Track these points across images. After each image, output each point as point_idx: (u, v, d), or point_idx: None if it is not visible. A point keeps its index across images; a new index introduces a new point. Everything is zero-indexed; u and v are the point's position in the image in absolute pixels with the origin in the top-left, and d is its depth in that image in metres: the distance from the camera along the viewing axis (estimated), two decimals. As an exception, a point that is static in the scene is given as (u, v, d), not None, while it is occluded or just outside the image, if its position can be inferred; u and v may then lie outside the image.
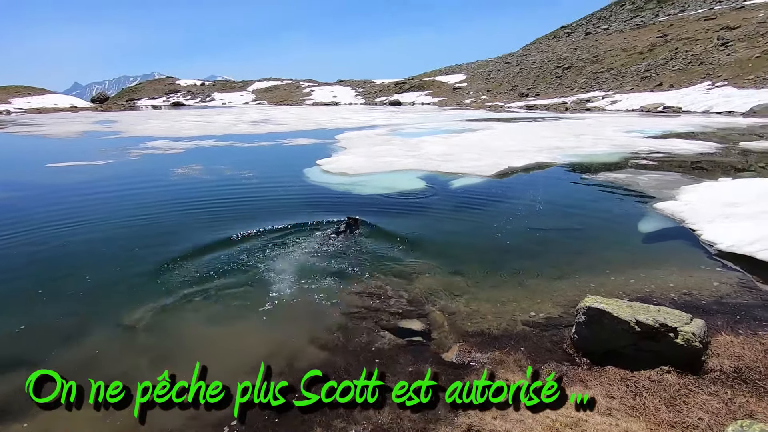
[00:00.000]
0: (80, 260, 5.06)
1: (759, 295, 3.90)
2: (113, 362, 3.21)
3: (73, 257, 5.18)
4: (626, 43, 45.74)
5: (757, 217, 5.47)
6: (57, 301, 4.10)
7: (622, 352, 2.85)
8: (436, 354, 3.20)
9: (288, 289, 4.25)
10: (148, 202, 7.59)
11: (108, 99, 71.80)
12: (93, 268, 4.79)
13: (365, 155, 11.76)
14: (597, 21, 69.30)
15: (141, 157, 13.17)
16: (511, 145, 13.16)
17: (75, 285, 4.38)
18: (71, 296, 4.17)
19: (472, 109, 38.59)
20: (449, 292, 4.13)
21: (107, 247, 5.42)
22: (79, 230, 6.11)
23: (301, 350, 3.30)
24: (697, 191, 7.10)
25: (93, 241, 5.65)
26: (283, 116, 33.49)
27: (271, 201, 7.52)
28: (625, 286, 4.14)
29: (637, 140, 13.86)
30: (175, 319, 3.75)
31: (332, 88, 74.39)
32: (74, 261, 5.05)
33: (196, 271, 4.63)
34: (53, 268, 4.84)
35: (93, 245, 5.51)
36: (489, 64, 65.30)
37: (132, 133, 21.44)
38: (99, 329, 3.62)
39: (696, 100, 27.04)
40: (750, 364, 2.71)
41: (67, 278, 4.56)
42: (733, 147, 12.36)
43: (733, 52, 32.47)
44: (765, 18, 36.19)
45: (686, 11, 53.23)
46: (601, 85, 38.10)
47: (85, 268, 4.79)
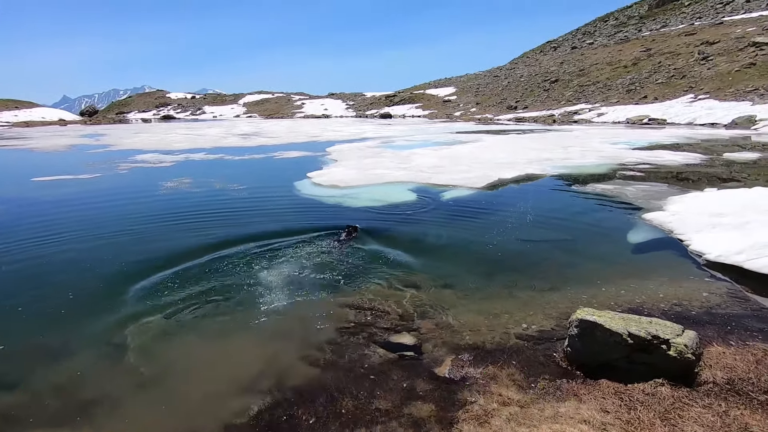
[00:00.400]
0: (63, 276, 4.93)
1: (748, 305, 3.92)
2: (97, 384, 3.10)
3: (56, 273, 5.03)
4: (611, 57, 46.83)
5: (743, 227, 5.54)
6: (38, 319, 3.97)
7: (615, 364, 2.84)
8: (429, 369, 3.15)
9: (277, 303, 4.18)
10: (135, 216, 7.48)
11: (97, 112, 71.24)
12: (76, 284, 4.67)
13: (356, 167, 11.77)
14: (582, 36, 71.02)
15: (129, 171, 13.03)
16: (501, 156, 13.28)
17: (57, 302, 4.26)
18: (53, 314, 4.05)
19: (462, 122, 39.00)
20: (441, 305, 4.09)
21: (92, 262, 5.29)
22: (62, 245, 5.97)
23: (291, 367, 3.22)
24: (684, 202, 7.20)
25: (77, 256, 5.52)
26: (273, 129, 33.50)
27: (261, 214, 7.45)
28: (617, 297, 4.15)
29: (624, 152, 14.08)
30: (162, 337, 3.65)
31: (323, 101, 74.77)
32: (57, 277, 4.92)
33: (184, 286, 4.54)
34: (34, 285, 4.69)
35: (77, 260, 5.38)
36: (478, 77, 66.30)
37: (121, 146, 21.25)
38: (83, 349, 3.51)
39: (680, 113, 27.67)
40: (743, 376, 2.71)
41: (49, 295, 4.44)
42: (717, 158, 12.61)
43: (714, 66, 33.40)
44: (742, 33, 37.37)
45: (667, 26, 54.80)
46: (588, 98, 38.85)
47: (68, 284, 4.67)
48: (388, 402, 2.78)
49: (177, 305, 4.14)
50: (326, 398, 2.83)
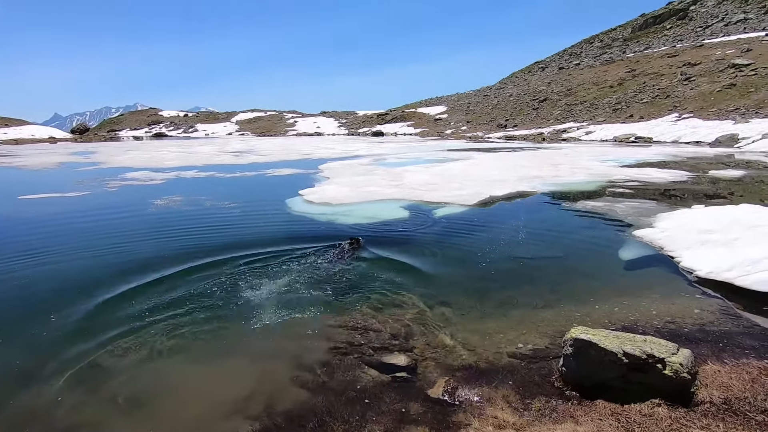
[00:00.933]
0: (44, 296, 4.77)
1: (740, 322, 3.93)
2: (77, 410, 2.97)
3: (37, 293, 4.87)
4: (597, 77, 48.05)
5: (731, 243, 5.60)
6: (16, 342, 3.83)
7: (611, 384, 2.79)
8: (422, 390, 3.07)
9: (267, 322, 4.10)
10: (122, 235, 7.35)
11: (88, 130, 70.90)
12: (58, 304, 4.51)
13: (348, 185, 11.77)
14: (569, 57, 72.93)
15: (118, 189, 12.89)
16: (492, 174, 13.40)
17: (37, 323, 4.11)
18: (32, 336, 3.91)
19: (453, 140, 39.47)
20: (434, 324, 4.03)
21: (75, 281, 5.15)
22: (45, 264, 5.82)
23: (281, 389, 3.13)
24: (673, 218, 7.28)
25: (60, 276, 5.38)
26: (266, 147, 33.57)
27: (252, 232, 7.37)
28: (610, 314, 4.13)
29: (613, 169, 14.30)
30: (147, 359, 3.54)
31: (316, 119, 75.35)
32: (37, 297, 4.76)
33: (171, 305, 4.43)
34: (13, 305, 4.55)
35: (60, 280, 5.24)
36: (468, 96, 67.48)
37: (111, 164, 21.09)
38: (63, 372, 3.38)
39: (665, 131, 28.31)
40: (739, 395, 2.68)
41: (28, 316, 4.29)
42: (703, 175, 12.85)
43: (696, 87, 34.39)
44: (722, 55, 38.68)
45: (650, 48, 56.55)
46: (576, 117, 39.64)
47: (49, 304, 4.52)
48: (380, 426, 2.70)
49: (162, 325, 4.02)
50: (317, 423, 2.75)
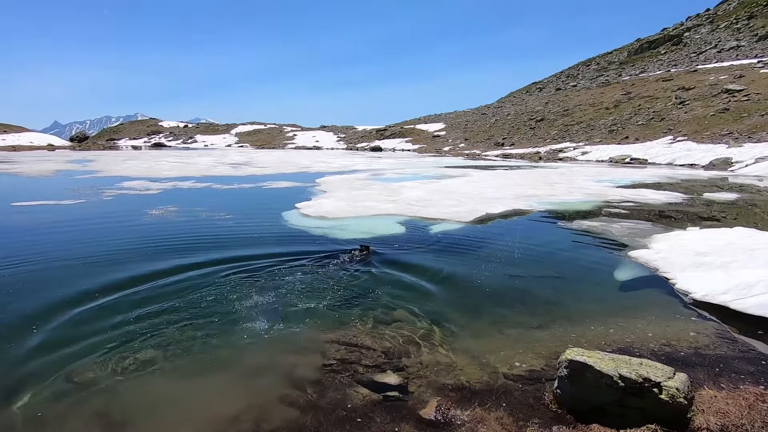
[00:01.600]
0: (28, 306, 4.64)
1: (736, 346, 3.89)
2: (59, 427, 2.88)
3: (20, 303, 4.73)
4: (593, 99, 48.79)
5: (726, 266, 5.60)
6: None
7: (606, 408, 2.74)
8: (414, 411, 3.00)
9: (256, 338, 4.02)
10: (114, 244, 7.27)
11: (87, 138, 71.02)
12: (42, 315, 4.41)
13: (345, 199, 11.77)
14: (566, 78, 74.19)
15: (114, 198, 12.83)
16: (489, 191, 13.45)
17: (19, 336, 4.02)
18: (14, 349, 3.81)
19: (451, 157, 39.76)
20: (427, 342, 3.97)
21: (62, 291, 5.04)
22: (32, 273, 5.71)
23: (269, 408, 3.04)
24: (668, 240, 7.29)
25: (46, 285, 5.25)
26: (264, 159, 33.67)
27: (246, 244, 7.31)
28: (605, 336, 4.08)
29: (608, 189, 14.39)
30: (133, 373, 3.45)
31: (315, 133, 75.84)
32: (21, 307, 4.62)
33: (159, 318, 4.35)
34: None
35: (45, 289, 5.10)
36: (467, 114, 68.26)
37: (108, 172, 21.05)
38: (45, 387, 3.28)
39: (660, 153, 28.64)
40: (736, 422, 2.63)
41: (9, 328, 4.18)
42: (698, 197, 12.95)
43: (690, 110, 34.95)
44: (716, 81, 39.44)
45: (646, 72, 57.65)
46: (572, 137, 40.09)
47: (32, 315, 4.41)
48: (370, 447, 2.62)
49: (150, 338, 3.94)
50: (304, 443, 2.66)
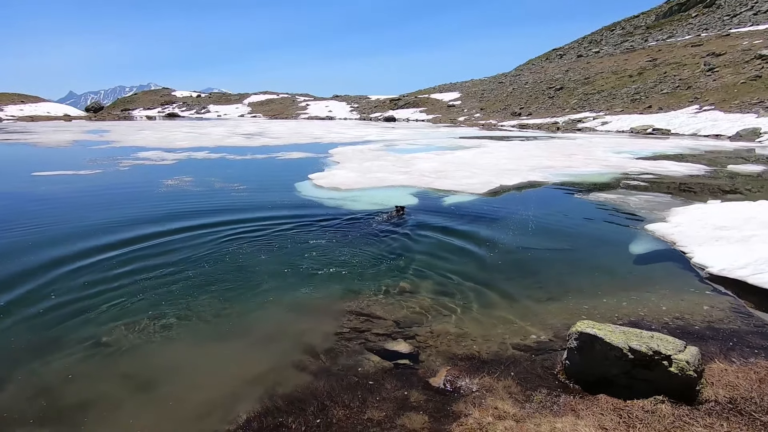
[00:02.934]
0: (51, 274, 4.80)
1: (751, 321, 3.85)
2: (85, 387, 3.04)
3: (43, 270, 4.89)
4: (616, 66, 46.81)
5: (746, 240, 5.47)
6: (23, 320, 3.89)
7: (614, 380, 2.76)
8: (424, 379, 3.08)
9: (270, 307, 4.14)
10: (132, 214, 7.43)
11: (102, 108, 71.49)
12: (65, 282, 4.59)
13: (358, 170, 11.72)
14: (588, 44, 71.05)
15: (130, 168, 13.02)
16: (504, 163, 13.22)
17: (43, 301, 4.19)
18: (40, 314, 3.98)
19: (466, 127, 39.00)
20: (438, 313, 4.03)
21: (84, 259, 5.23)
22: (55, 242, 5.90)
23: (283, 373, 3.16)
24: (687, 213, 7.12)
25: (69, 253, 5.43)
26: (277, 129, 33.55)
27: (259, 216, 7.39)
28: (618, 309, 4.08)
29: (628, 161, 14.01)
30: (154, 339, 3.59)
31: (328, 103, 74.93)
32: (44, 274, 4.78)
33: (178, 285, 4.49)
34: (19, 283, 4.56)
35: (68, 257, 5.28)
36: (483, 83, 66.36)
37: (124, 143, 21.28)
38: (71, 348, 3.45)
39: (684, 123, 27.58)
40: (745, 395, 2.63)
41: (34, 294, 4.34)
42: (721, 170, 12.53)
43: (719, 78, 33.33)
44: (749, 46, 37.33)
45: (674, 37, 54.80)
46: (592, 107, 38.79)
47: (56, 282, 4.59)
48: (381, 412, 2.71)
49: (170, 306, 4.08)
50: (317, 407, 2.77)
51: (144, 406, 2.84)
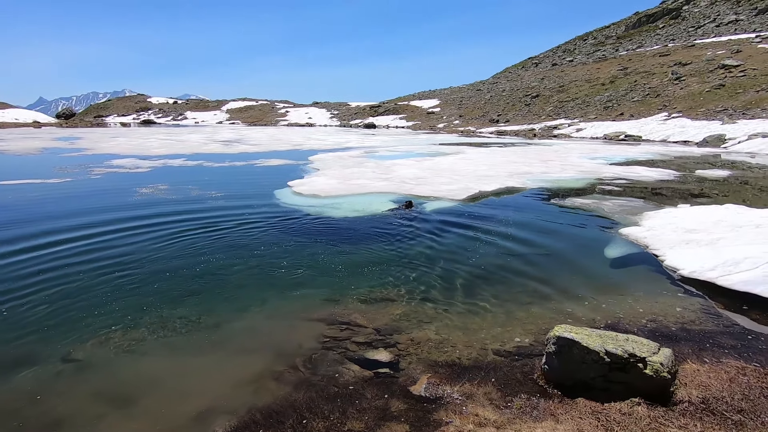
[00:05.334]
0: (15, 287, 4.60)
1: (720, 321, 3.97)
2: (55, 404, 2.89)
3: (5, 283, 4.68)
4: (589, 74, 48.24)
5: (714, 243, 5.66)
6: (-9, 333, 3.72)
7: (592, 383, 2.80)
8: (404, 387, 3.05)
9: (247, 316, 4.04)
10: (103, 223, 7.19)
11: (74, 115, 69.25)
12: (32, 296, 4.40)
13: (338, 177, 11.68)
14: (562, 53, 73.06)
15: (102, 176, 12.62)
16: (483, 169, 13.40)
17: (10, 316, 4.00)
18: (5, 329, 3.79)
19: (445, 134, 39.42)
20: (418, 320, 4.01)
21: (51, 271, 5.02)
22: (16, 254, 5.66)
23: (261, 385, 3.08)
24: (659, 217, 7.34)
25: (33, 266, 5.22)
26: (256, 136, 33.18)
27: (237, 223, 7.26)
28: (595, 312, 4.15)
29: (602, 167, 14.39)
30: (126, 353, 3.46)
31: (308, 110, 74.66)
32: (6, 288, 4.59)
33: (151, 296, 4.35)
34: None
35: (33, 270, 5.08)
36: (461, 90, 67.35)
37: (96, 150, 20.65)
38: (38, 365, 3.29)
39: (654, 130, 28.58)
40: (717, 395, 2.70)
41: (5, 307, 4.17)
42: (690, 174, 13.00)
43: (686, 86, 34.73)
44: (713, 56, 39.07)
45: (643, 47, 56.89)
46: (567, 114, 39.82)
47: (22, 297, 4.39)
48: (361, 423, 2.67)
49: (142, 317, 3.95)
50: (296, 419, 2.71)
51: (117, 424, 2.72)
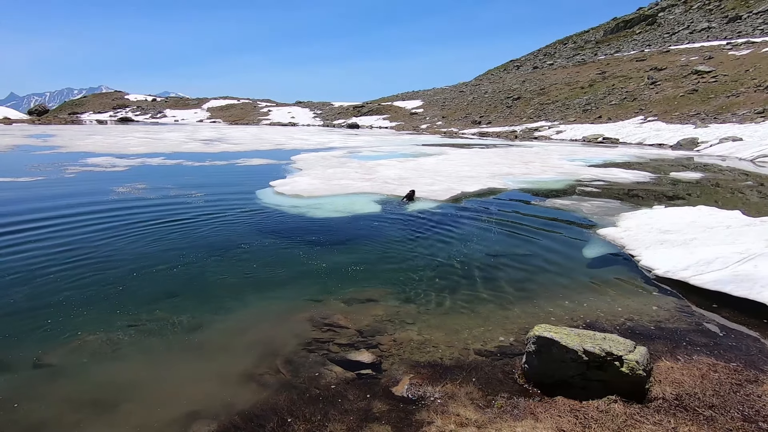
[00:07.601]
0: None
1: (693, 319, 4.10)
2: (32, 411, 2.79)
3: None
4: (569, 78, 49.25)
5: (688, 243, 5.84)
6: (-45, 339, 3.56)
7: (571, 381, 2.85)
8: (386, 388, 3.05)
9: (228, 317, 3.98)
10: (76, 224, 6.97)
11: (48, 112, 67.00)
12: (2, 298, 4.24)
13: (321, 177, 11.61)
14: (543, 57, 74.43)
15: (77, 175, 12.25)
16: (465, 170, 13.52)
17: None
18: (-26, 332, 3.64)
19: (428, 134, 39.63)
20: (400, 321, 4.01)
21: (21, 273, 4.84)
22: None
23: (241, 388, 3.03)
24: (635, 218, 7.54)
25: (2, 268, 5.04)
26: (238, 135, 32.73)
27: (218, 224, 7.14)
28: (573, 312, 4.22)
29: (581, 168, 14.70)
30: (102, 357, 3.36)
31: (290, 109, 74.06)
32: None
33: (126, 298, 4.24)
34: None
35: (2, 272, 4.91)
36: (444, 91, 67.86)
37: (71, 148, 20.03)
38: (14, 372, 3.16)
39: (631, 133, 29.36)
40: (690, 391, 2.78)
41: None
42: (665, 176, 13.39)
43: (661, 91, 35.80)
44: (687, 62, 40.38)
45: (621, 52, 58.41)
46: (548, 116, 40.55)
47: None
48: (342, 425, 2.65)
49: (117, 320, 3.84)
50: (277, 422, 2.67)
51: (96, 430, 2.64)
